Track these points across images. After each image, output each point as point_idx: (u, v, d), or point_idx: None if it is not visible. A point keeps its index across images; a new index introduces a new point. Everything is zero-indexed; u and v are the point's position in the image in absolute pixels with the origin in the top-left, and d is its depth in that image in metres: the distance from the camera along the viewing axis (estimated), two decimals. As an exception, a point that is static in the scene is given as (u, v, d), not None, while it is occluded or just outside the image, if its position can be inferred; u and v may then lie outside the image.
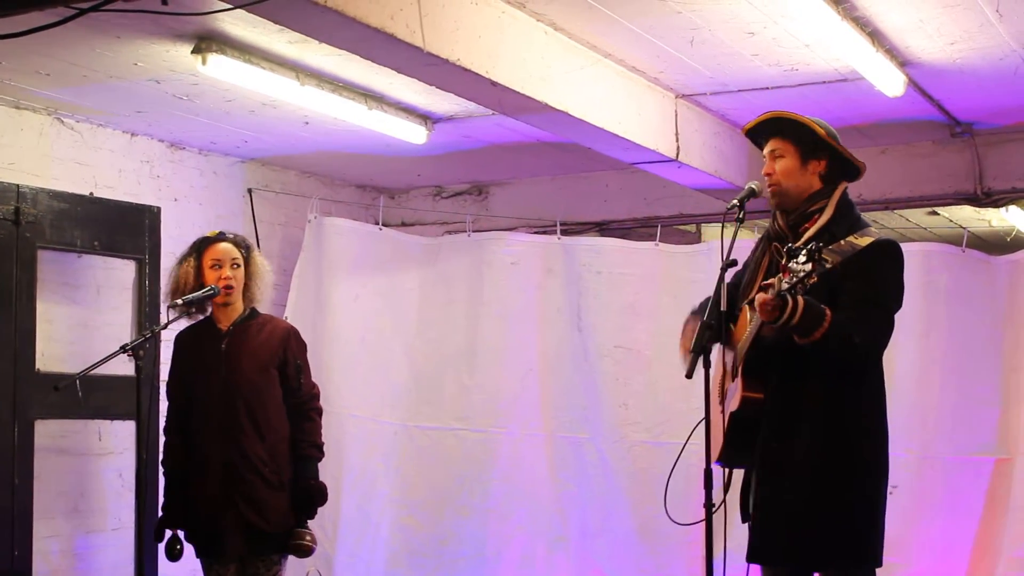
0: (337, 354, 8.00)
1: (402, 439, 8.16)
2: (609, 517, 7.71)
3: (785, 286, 3.94)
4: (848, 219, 4.43)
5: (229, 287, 5.56)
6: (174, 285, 5.64)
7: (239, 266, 5.62)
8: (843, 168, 4.53)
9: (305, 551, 5.59)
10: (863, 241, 4.27)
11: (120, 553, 7.05)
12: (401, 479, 8.13)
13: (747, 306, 4.44)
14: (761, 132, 4.61)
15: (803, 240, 4.33)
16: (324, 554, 7.95)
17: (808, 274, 3.90)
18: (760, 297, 4.07)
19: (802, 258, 3.93)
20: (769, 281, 4.05)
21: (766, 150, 4.57)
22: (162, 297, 5.98)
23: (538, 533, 7.92)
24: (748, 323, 4.38)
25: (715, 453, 4.44)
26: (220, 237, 5.70)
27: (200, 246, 5.68)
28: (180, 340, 5.81)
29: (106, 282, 7.13)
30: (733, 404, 4.42)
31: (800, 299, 4.04)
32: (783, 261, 4.01)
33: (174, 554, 5.56)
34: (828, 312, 4.14)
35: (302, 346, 5.79)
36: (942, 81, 6.51)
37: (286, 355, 5.64)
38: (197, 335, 5.71)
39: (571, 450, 7.91)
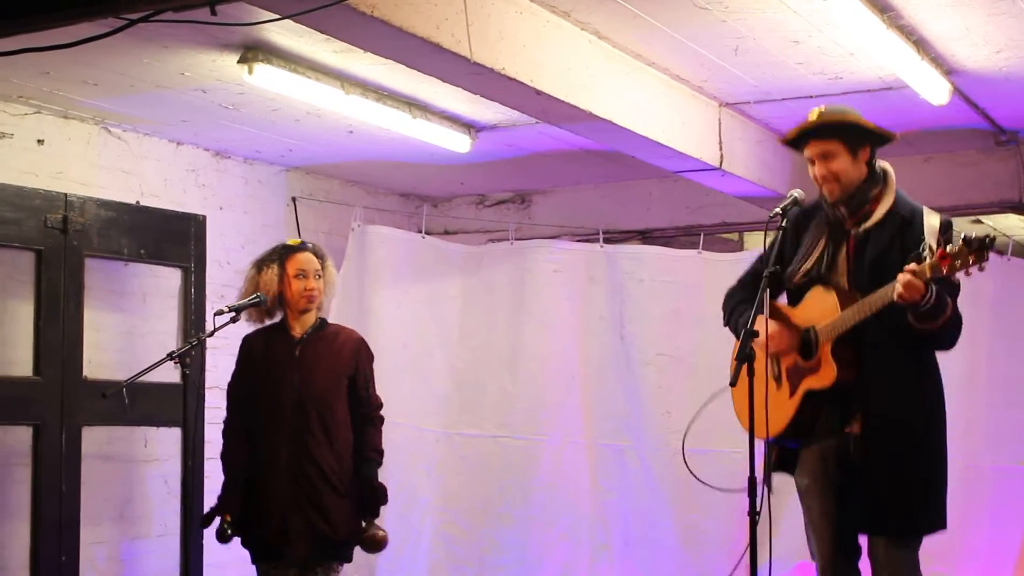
0: (379, 361, 7.88)
1: (444, 447, 8.17)
2: (652, 526, 7.69)
3: (928, 275, 4.12)
4: (904, 199, 4.53)
5: (312, 297, 5.55)
6: (253, 288, 5.56)
7: (320, 276, 5.61)
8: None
9: (380, 542, 5.57)
10: (935, 220, 4.37)
11: (165, 560, 7.08)
12: (443, 487, 8.14)
13: (823, 287, 4.46)
14: (801, 137, 4.61)
15: (873, 222, 4.46)
16: (366, 561, 7.98)
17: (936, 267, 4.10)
18: (909, 280, 4.13)
19: (925, 253, 4.14)
20: (916, 267, 4.13)
21: (812, 152, 4.55)
22: (235, 298, 5.71)
23: (580, 542, 7.91)
24: (828, 303, 4.40)
25: (769, 429, 4.36)
26: (303, 247, 5.67)
27: (284, 254, 5.62)
28: (249, 342, 5.70)
29: (152, 290, 7.19)
30: (817, 382, 4.41)
31: (936, 288, 4.19)
32: (923, 252, 4.16)
33: (224, 536, 5.46)
34: (950, 302, 4.26)
35: (371, 356, 5.80)
36: (987, 89, 6.48)
37: (358, 365, 5.65)
38: (268, 339, 5.65)
39: (614, 458, 7.90)
